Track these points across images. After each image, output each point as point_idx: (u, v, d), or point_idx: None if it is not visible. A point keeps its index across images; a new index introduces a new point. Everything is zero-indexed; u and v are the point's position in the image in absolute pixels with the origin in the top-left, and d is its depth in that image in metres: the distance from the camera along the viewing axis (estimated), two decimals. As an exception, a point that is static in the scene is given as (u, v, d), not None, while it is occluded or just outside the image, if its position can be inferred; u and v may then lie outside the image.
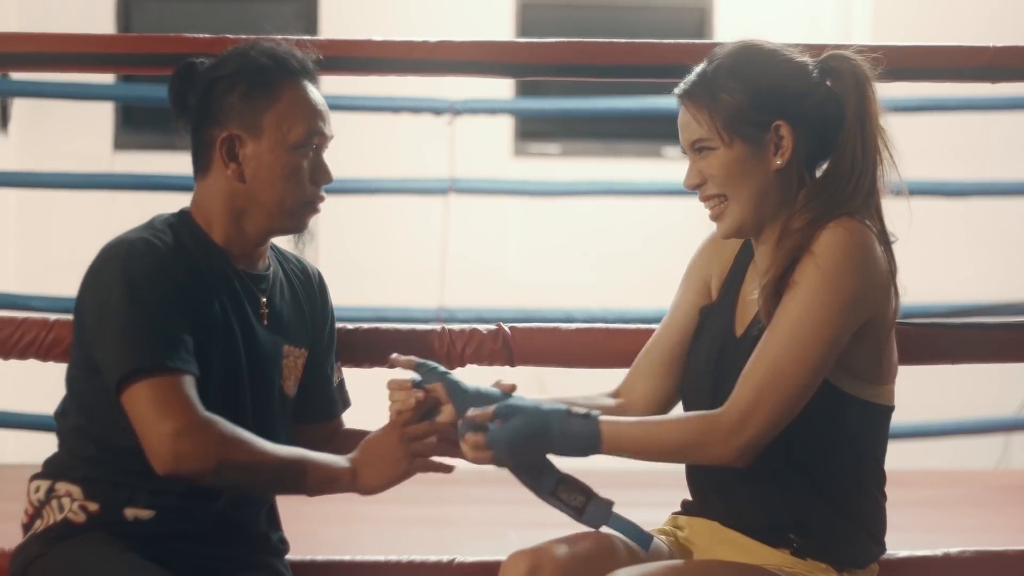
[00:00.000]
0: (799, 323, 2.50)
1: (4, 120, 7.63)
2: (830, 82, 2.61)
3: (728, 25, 7.88)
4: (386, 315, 6.34)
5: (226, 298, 2.67)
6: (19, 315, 3.03)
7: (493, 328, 3.04)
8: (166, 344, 2.56)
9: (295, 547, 2.97)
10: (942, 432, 6.58)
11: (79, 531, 2.63)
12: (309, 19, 7.80)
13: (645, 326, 2.95)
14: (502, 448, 2.51)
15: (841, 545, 2.59)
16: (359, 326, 3.02)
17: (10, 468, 6.11)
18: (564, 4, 8.13)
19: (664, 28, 7.92)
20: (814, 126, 2.59)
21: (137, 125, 7.90)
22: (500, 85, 7.58)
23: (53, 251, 7.61)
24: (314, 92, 2.71)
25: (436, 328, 3.03)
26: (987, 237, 7.72)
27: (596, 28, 7.96)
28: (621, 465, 2.64)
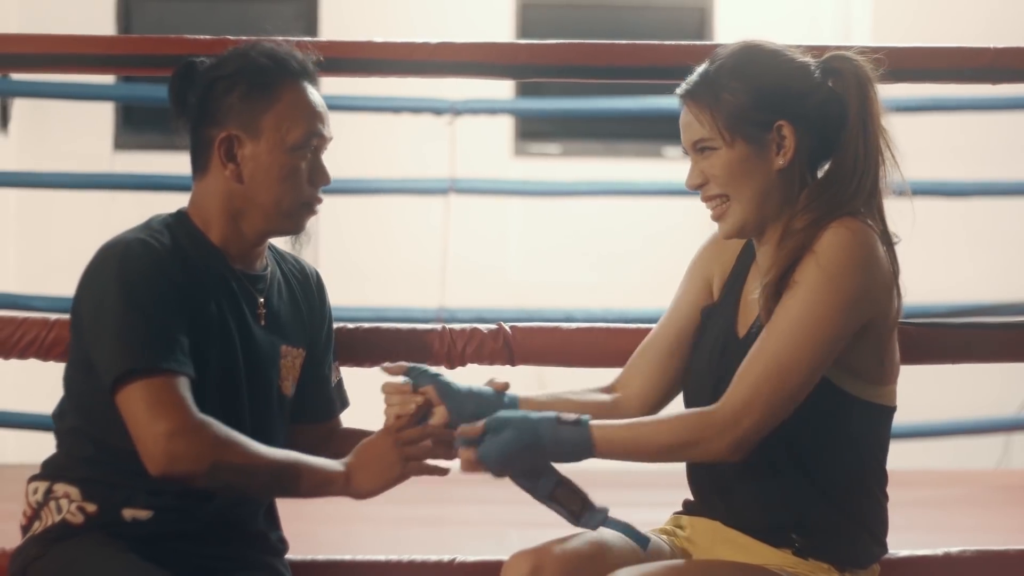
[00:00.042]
0: (798, 321, 2.50)
1: (4, 120, 7.63)
2: (832, 82, 2.61)
3: (728, 25, 7.88)
4: (386, 315, 6.34)
5: (223, 298, 2.67)
6: (19, 315, 3.03)
7: (494, 327, 3.04)
8: (162, 345, 2.55)
9: (295, 547, 2.97)
10: (942, 432, 6.58)
11: (77, 532, 2.63)
12: (309, 20, 7.80)
13: (646, 326, 2.94)
14: (494, 462, 2.51)
15: (843, 545, 2.59)
16: (359, 326, 3.02)
17: (10, 468, 6.10)
18: (564, 4, 8.13)
19: (664, 28, 7.91)
20: (816, 126, 2.59)
21: (137, 125, 7.89)
22: (500, 85, 7.58)
23: (53, 251, 7.61)
24: (314, 94, 2.70)
25: (437, 327, 3.03)
26: (987, 237, 7.72)
27: (596, 28, 7.95)
28: (621, 465, 2.64)
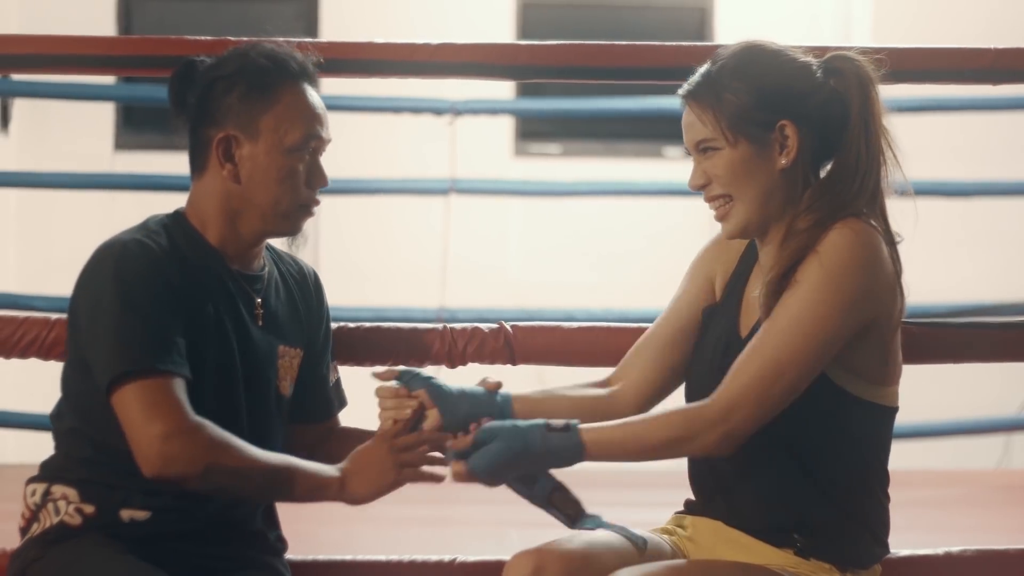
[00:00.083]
0: (798, 319, 2.50)
1: (5, 121, 7.63)
2: (833, 82, 2.60)
3: (728, 26, 7.88)
4: (387, 315, 6.32)
5: (220, 299, 2.67)
6: (20, 315, 3.02)
7: (495, 327, 3.03)
8: (157, 346, 2.55)
9: (296, 547, 2.96)
10: (942, 432, 6.57)
11: (75, 534, 2.63)
12: (310, 20, 7.79)
13: (646, 325, 2.94)
14: (485, 473, 2.51)
15: (845, 545, 2.59)
16: (360, 325, 3.02)
17: (10, 468, 6.10)
18: (565, 4, 8.13)
19: (664, 28, 7.91)
20: (818, 126, 2.59)
21: (138, 125, 7.90)
22: (501, 85, 7.57)
23: (54, 251, 7.60)
24: (313, 95, 2.69)
25: (438, 327, 3.03)
26: (987, 237, 7.72)
27: (596, 28, 7.95)
28: (621, 465, 2.64)
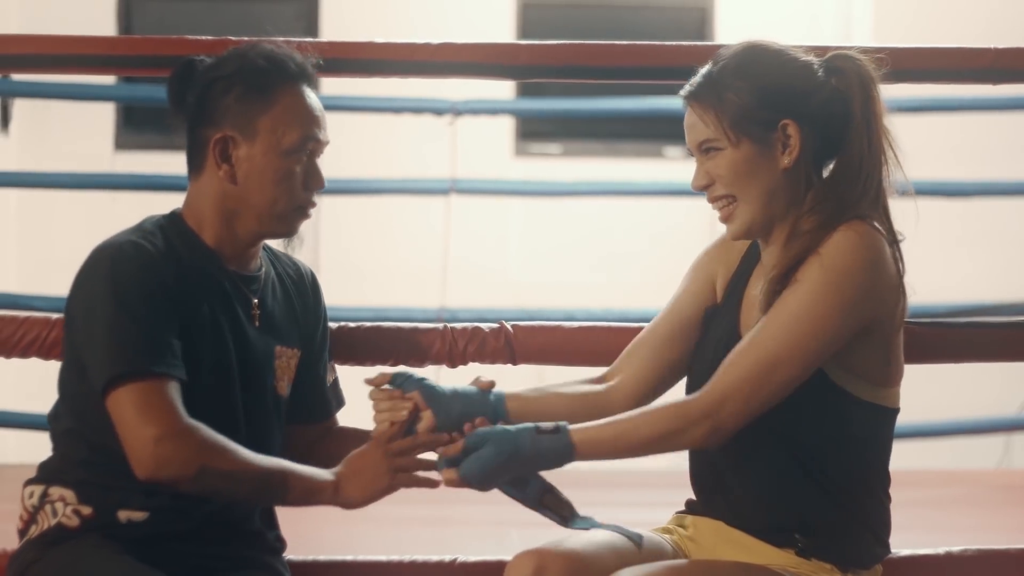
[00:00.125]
0: (795, 316, 2.50)
1: (5, 121, 7.63)
2: (835, 81, 2.60)
3: (729, 25, 7.88)
4: (387, 315, 6.31)
5: (216, 300, 2.67)
6: (21, 314, 3.02)
7: (495, 326, 3.03)
8: (152, 349, 2.55)
9: (297, 548, 2.96)
10: (943, 432, 6.57)
11: (73, 535, 2.63)
12: (310, 20, 7.79)
13: (647, 325, 2.95)
14: (477, 479, 2.51)
15: (846, 545, 2.59)
16: (361, 325, 3.02)
17: (10, 468, 6.10)
18: (565, 4, 8.13)
19: (665, 28, 7.91)
20: (820, 125, 2.59)
21: (138, 125, 7.90)
22: (501, 85, 7.57)
23: (54, 251, 7.60)
24: (311, 97, 2.69)
25: (438, 326, 3.02)
26: (987, 237, 7.71)
27: (597, 28, 7.95)
28: (622, 465, 2.64)
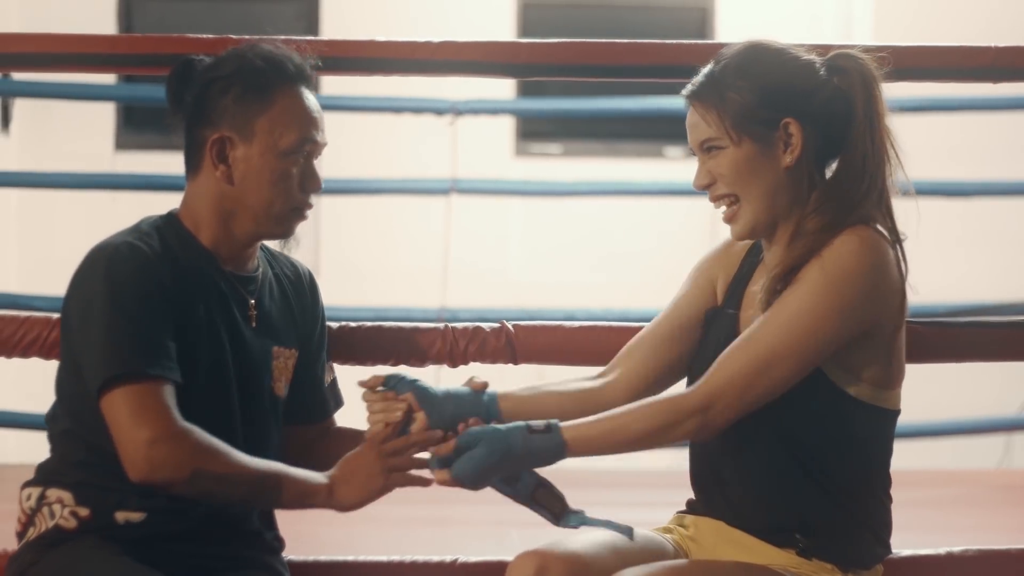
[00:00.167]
0: (793, 316, 2.50)
1: (5, 120, 7.63)
2: (837, 80, 2.60)
3: (729, 25, 7.88)
4: (387, 315, 6.31)
5: (212, 301, 2.66)
6: (22, 314, 3.02)
7: (496, 326, 3.03)
8: (147, 351, 2.55)
9: (297, 548, 2.96)
10: (943, 432, 6.57)
11: (71, 537, 2.62)
12: (310, 19, 7.79)
13: (647, 325, 2.94)
14: (469, 479, 2.51)
15: (846, 546, 2.59)
16: (362, 324, 3.01)
17: (10, 468, 6.09)
18: (565, 4, 8.12)
19: (665, 28, 7.91)
20: (822, 124, 2.59)
21: (138, 125, 7.90)
22: (501, 85, 7.58)
23: (55, 251, 7.60)
24: (309, 99, 2.68)
25: (439, 326, 3.02)
26: (987, 237, 7.71)
27: (597, 28, 7.95)
28: (623, 465, 2.64)
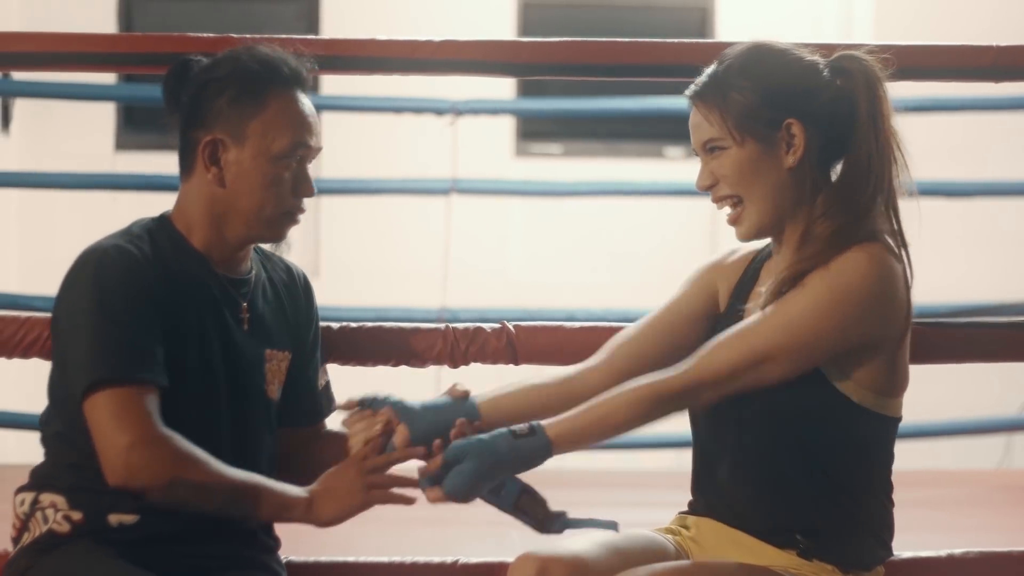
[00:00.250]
0: (791, 321, 2.51)
1: (6, 120, 7.63)
2: (840, 81, 2.60)
3: (730, 25, 7.88)
4: (388, 315, 6.31)
5: (203, 304, 2.65)
6: (22, 315, 3.01)
7: (497, 327, 3.02)
8: (132, 355, 2.54)
9: (297, 549, 2.96)
10: (943, 432, 6.57)
11: (65, 541, 2.61)
12: (311, 19, 7.79)
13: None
14: (462, 493, 2.52)
15: (847, 547, 2.59)
16: (362, 325, 3.01)
17: (10, 468, 6.09)
18: (565, 4, 8.12)
19: (666, 28, 7.91)
20: (825, 124, 2.58)
21: (139, 125, 7.90)
22: (502, 85, 7.58)
23: (55, 251, 7.57)
24: (304, 103, 2.67)
25: (440, 327, 3.02)
26: (987, 237, 7.71)
27: (597, 28, 7.95)
28: (624, 465, 2.64)
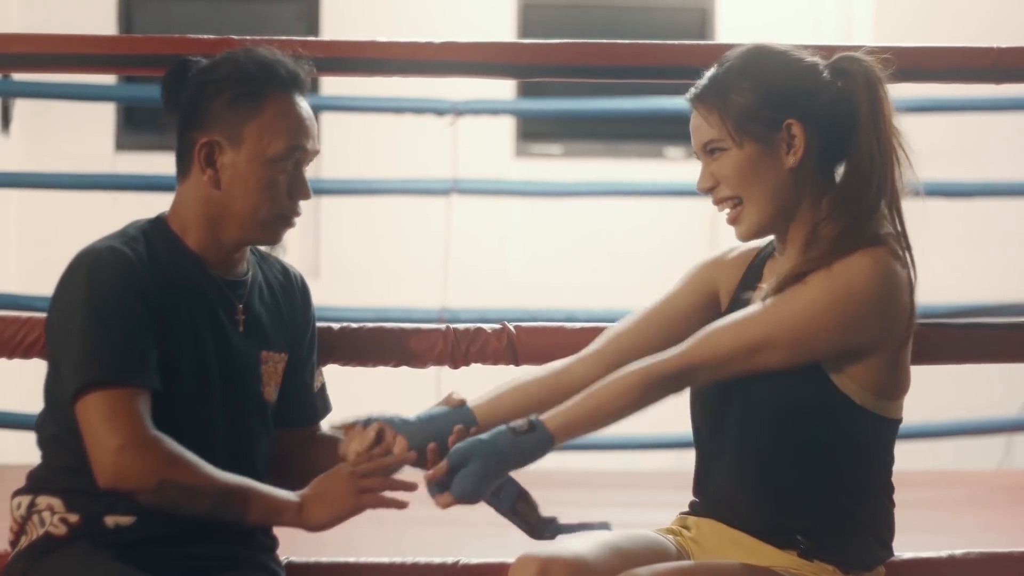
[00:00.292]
0: (790, 317, 2.51)
1: (6, 121, 7.63)
2: (840, 82, 2.60)
3: (730, 26, 7.88)
4: (388, 316, 6.31)
5: (197, 306, 2.65)
6: (23, 315, 3.01)
7: (498, 327, 3.02)
8: (123, 358, 2.54)
9: (297, 549, 2.96)
10: (944, 432, 6.57)
11: (62, 544, 2.61)
12: (311, 20, 7.79)
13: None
14: (470, 496, 2.52)
15: (848, 547, 2.59)
16: (363, 325, 3.01)
17: (10, 468, 6.09)
18: (566, 5, 8.13)
19: (666, 29, 7.91)
20: (825, 125, 2.58)
21: (139, 126, 7.90)
22: (502, 86, 7.57)
23: (55, 251, 7.56)
24: (301, 106, 2.67)
25: (440, 327, 3.02)
26: (987, 237, 7.71)
27: (598, 29, 7.95)
28: (625, 465, 2.64)
